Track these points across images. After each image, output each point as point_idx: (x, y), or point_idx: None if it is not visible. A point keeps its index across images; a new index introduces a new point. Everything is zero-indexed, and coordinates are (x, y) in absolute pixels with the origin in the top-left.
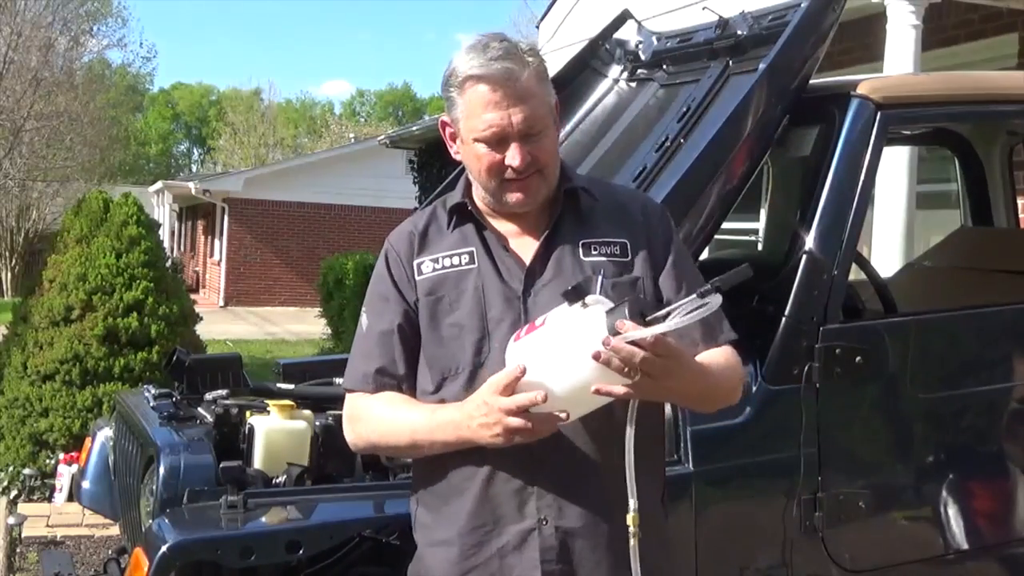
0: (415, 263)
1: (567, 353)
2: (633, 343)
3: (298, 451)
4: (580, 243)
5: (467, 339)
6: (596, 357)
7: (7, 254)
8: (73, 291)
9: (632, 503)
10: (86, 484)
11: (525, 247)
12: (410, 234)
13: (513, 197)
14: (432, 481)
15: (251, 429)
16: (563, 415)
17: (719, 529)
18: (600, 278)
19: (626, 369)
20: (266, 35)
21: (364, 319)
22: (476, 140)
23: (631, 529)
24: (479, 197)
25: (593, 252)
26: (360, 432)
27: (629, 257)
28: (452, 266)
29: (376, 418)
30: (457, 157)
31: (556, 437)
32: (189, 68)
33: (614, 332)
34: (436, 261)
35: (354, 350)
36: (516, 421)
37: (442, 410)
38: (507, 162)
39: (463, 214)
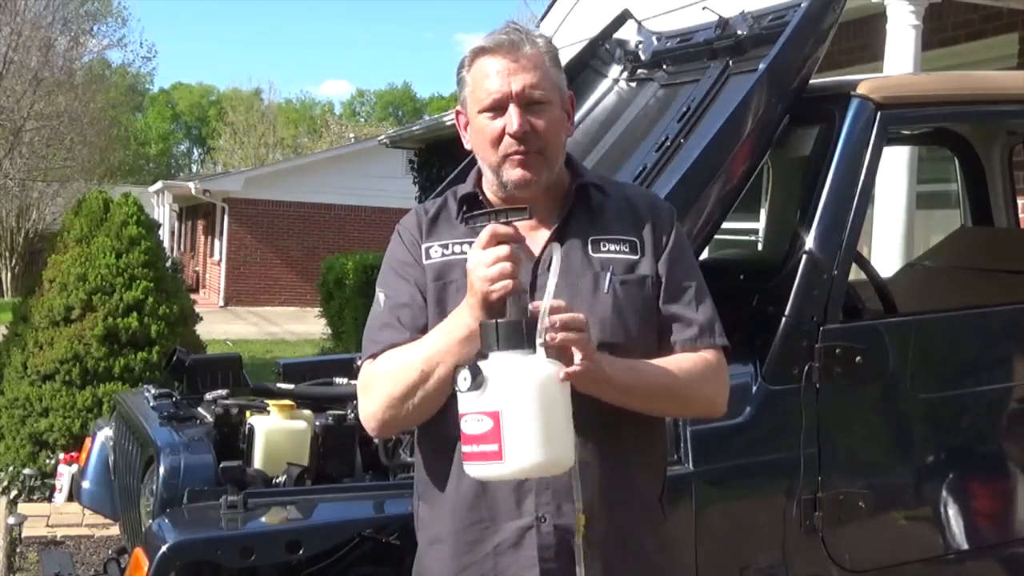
0: (423, 247)
1: (525, 407)
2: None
3: (298, 451)
4: (590, 239)
5: None
6: (548, 342)
7: (7, 254)
8: (73, 291)
9: (578, 504)
10: (86, 484)
11: (535, 240)
12: (419, 220)
13: (514, 175)
14: (432, 476)
15: (251, 429)
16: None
17: (719, 529)
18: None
19: (574, 339)
20: (266, 35)
21: (380, 295)
22: (480, 112)
23: (580, 529)
24: (489, 188)
25: (602, 249)
26: (373, 395)
27: (638, 255)
28: (462, 253)
29: (389, 363)
30: (468, 146)
31: None
32: (189, 68)
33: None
34: (445, 247)
35: (370, 323)
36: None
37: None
38: (506, 129)
39: (473, 205)
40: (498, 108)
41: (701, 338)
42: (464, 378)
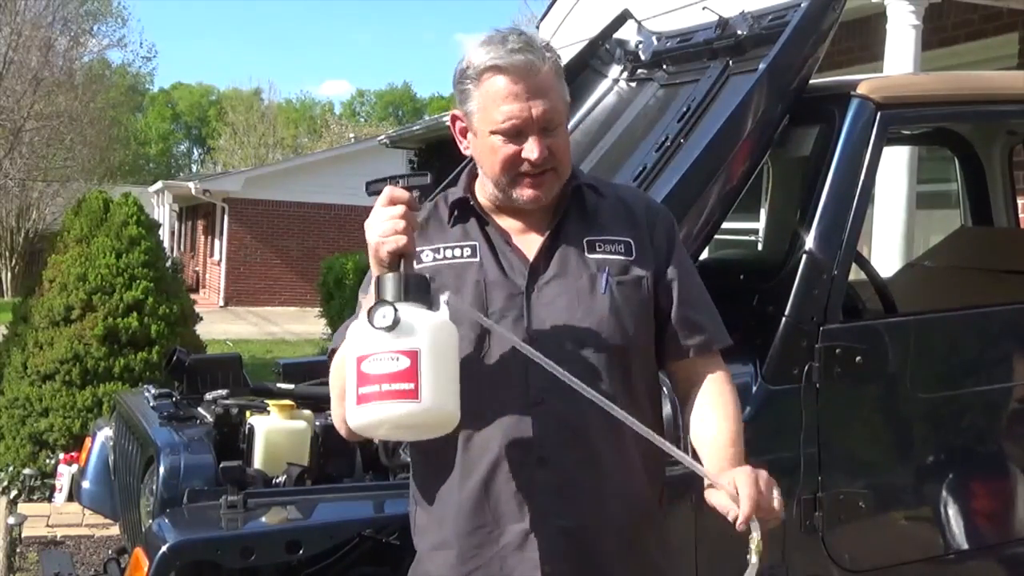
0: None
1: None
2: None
3: (298, 451)
4: (584, 240)
5: (466, 333)
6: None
7: (7, 254)
8: (73, 291)
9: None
10: (86, 484)
11: (528, 243)
12: None
13: (526, 193)
14: (430, 481)
15: (251, 429)
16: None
17: (719, 529)
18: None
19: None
20: (266, 35)
21: (363, 302)
22: (493, 132)
23: None
24: (483, 193)
25: (597, 250)
26: (332, 394)
27: (633, 256)
28: (453, 257)
29: (337, 359)
30: (467, 152)
31: (557, 436)
32: (189, 68)
33: None
34: (437, 251)
35: (346, 330)
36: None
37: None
38: (524, 155)
39: (464, 209)
40: (516, 134)
41: (712, 342)
42: (383, 315)
